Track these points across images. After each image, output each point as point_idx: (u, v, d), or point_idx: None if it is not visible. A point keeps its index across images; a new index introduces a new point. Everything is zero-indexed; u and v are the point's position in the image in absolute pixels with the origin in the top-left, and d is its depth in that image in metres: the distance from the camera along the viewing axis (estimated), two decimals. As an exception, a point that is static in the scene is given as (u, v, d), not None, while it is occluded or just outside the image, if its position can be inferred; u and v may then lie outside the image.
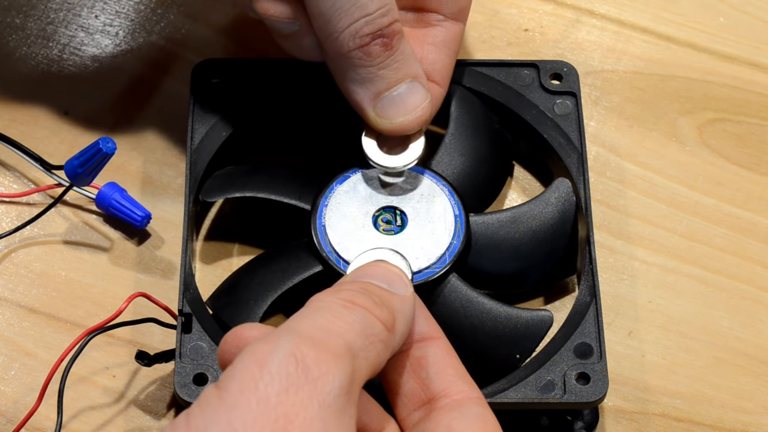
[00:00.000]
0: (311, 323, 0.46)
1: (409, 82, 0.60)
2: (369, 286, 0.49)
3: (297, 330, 0.45)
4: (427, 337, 0.51)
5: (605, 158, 0.69)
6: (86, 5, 0.72)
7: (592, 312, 0.60)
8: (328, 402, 0.43)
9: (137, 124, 0.69)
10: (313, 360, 0.44)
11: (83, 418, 0.61)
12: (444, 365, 0.50)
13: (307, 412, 0.42)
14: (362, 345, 0.46)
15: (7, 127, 0.68)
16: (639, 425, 0.62)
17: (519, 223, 0.63)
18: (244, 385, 0.43)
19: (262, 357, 0.43)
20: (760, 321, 0.65)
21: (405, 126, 0.60)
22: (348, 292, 0.48)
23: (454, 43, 0.63)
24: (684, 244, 0.67)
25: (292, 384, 0.43)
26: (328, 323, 0.46)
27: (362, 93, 0.60)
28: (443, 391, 0.49)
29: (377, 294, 0.49)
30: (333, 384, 0.43)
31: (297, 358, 0.43)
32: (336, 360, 0.44)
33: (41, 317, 0.63)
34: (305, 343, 0.44)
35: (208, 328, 0.59)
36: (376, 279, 0.50)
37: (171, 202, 0.66)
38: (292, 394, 0.42)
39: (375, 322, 0.47)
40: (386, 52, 0.59)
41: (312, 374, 0.43)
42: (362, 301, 0.48)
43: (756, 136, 0.70)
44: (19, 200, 0.67)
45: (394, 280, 0.50)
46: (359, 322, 0.47)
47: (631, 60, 0.72)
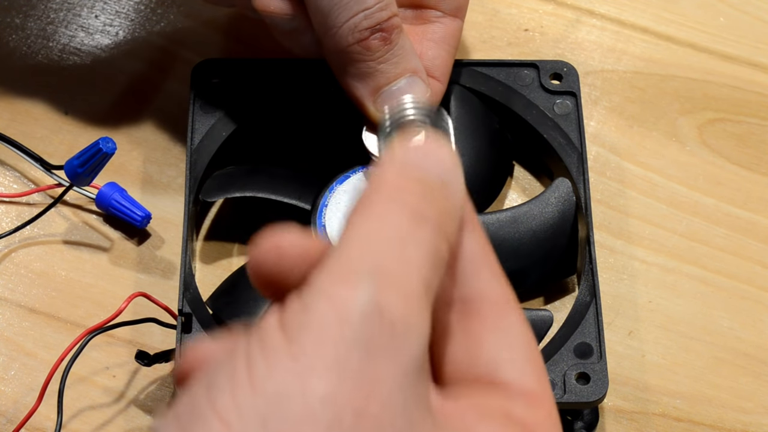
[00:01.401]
0: (388, 253, 0.38)
1: (408, 76, 0.60)
2: (429, 189, 0.40)
3: (376, 264, 0.37)
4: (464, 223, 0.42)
5: (605, 158, 0.69)
6: (86, 5, 0.72)
7: (592, 312, 0.60)
8: (411, 367, 0.36)
9: (137, 124, 0.69)
10: (399, 313, 0.36)
11: (83, 418, 0.61)
12: (483, 262, 0.42)
13: (391, 382, 0.36)
14: (433, 276, 0.38)
15: (7, 127, 0.68)
16: (639, 425, 0.62)
17: (519, 223, 0.63)
18: (321, 342, 0.35)
19: (343, 306, 0.36)
20: (760, 321, 0.65)
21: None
22: (411, 200, 0.39)
23: (454, 40, 0.63)
24: (684, 244, 0.67)
25: (377, 348, 0.36)
26: (404, 253, 0.38)
27: (362, 88, 0.60)
28: (479, 293, 0.41)
29: (441, 201, 0.40)
30: (418, 341, 0.37)
31: (382, 312, 0.36)
32: (419, 309, 0.37)
33: (41, 317, 0.63)
34: (389, 289, 0.37)
35: (208, 328, 0.59)
36: (434, 171, 0.41)
37: (171, 202, 0.66)
38: (376, 359, 0.36)
39: (442, 242, 0.39)
40: (385, 46, 0.59)
41: (397, 332, 0.36)
42: (430, 213, 0.39)
43: (756, 136, 0.70)
44: (19, 200, 0.67)
45: (451, 173, 0.41)
46: (431, 247, 0.38)
47: (631, 60, 0.72)
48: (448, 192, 0.40)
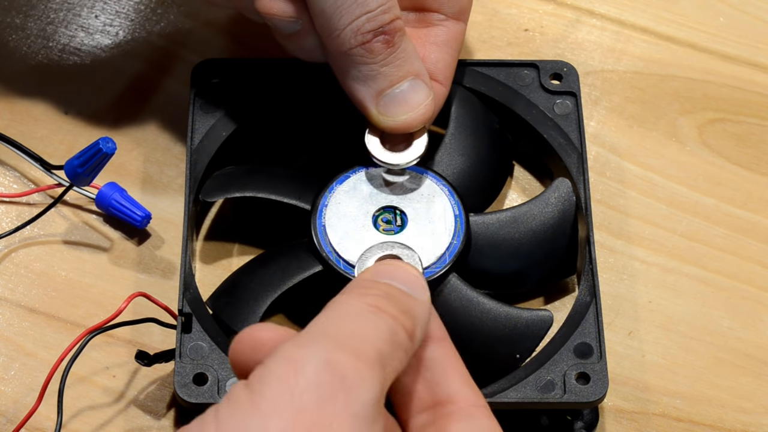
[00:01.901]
0: (343, 328, 0.45)
1: (411, 79, 0.60)
2: (392, 290, 0.48)
3: (331, 334, 0.44)
4: (434, 337, 0.49)
5: (605, 158, 0.69)
6: (86, 5, 0.72)
7: (592, 312, 0.60)
8: (362, 412, 0.42)
9: (137, 125, 0.69)
10: (349, 368, 0.43)
11: (83, 418, 0.61)
12: (450, 369, 0.49)
13: (340, 424, 0.42)
14: (389, 353, 0.45)
15: (7, 127, 0.68)
16: (639, 425, 0.62)
17: (519, 223, 0.63)
18: (278, 391, 0.42)
19: (298, 362, 0.43)
20: (760, 321, 0.65)
21: (408, 123, 0.61)
22: (373, 296, 0.47)
23: (456, 43, 0.63)
24: (684, 244, 0.67)
25: (327, 393, 0.42)
26: (359, 329, 0.45)
27: (364, 91, 0.60)
28: (450, 397, 0.48)
29: (401, 300, 0.48)
30: (367, 394, 0.43)
31: (332, 366, 0.42)
32: (370, 369, 0.43)
33: (41, 317, 0.63)
34: (340, 350, 0.43)
35: (208, 328, 0.59)
36: (397, 281, 0.49)
37: (171, 202, 0.66)
38: (327, 403, 0.42)
39: (400, 330, 0.46)
40: (388, 49, 0.59)
41: (347, 383, 0.42)
42: (389, 307, 0.46)
43: (756, 136, 0.70)
44: (19, 200, 0.67)
45: (415, 284, 0.49)
46: (387, 330, 0.45)
47: (631, 60, 0.72)
48: (410, 298, 0.48)
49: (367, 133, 0.62)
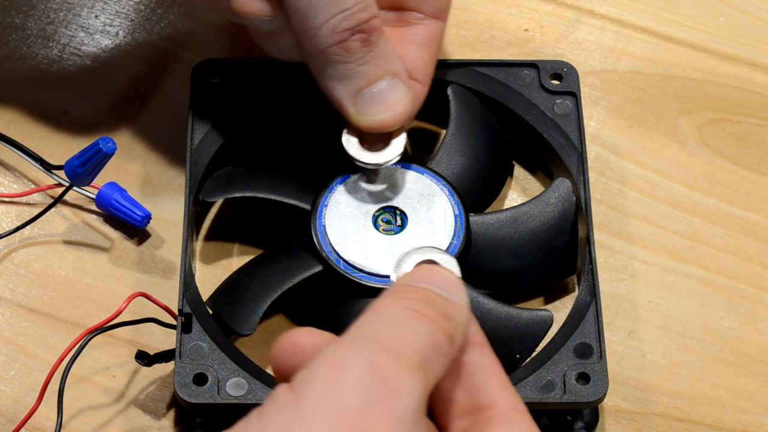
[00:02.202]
0: (385, 331, 0.45)
1: (389, 78, 0.60)
2: (431, 294, 0.48)
3: (373, 337, 0.44)
4: (473, 342, 0.49)
5: (605, 158, 0.69)
6: (86, 5, 0.72)
7: (592, 312, 0.60)
8: (405, 416, 0.42)
9: (137, 124, 0.69)
10: (392, 371, 0.43)
11: (83, 418, 0.61)
12: (490, 374, 0.48)
13: (383, 425, 0.41)
14: (431, 357, 0.45)
15: (7, 127, 0.68)
16: (639, 425, 0.62)
17: (519, 223, 0.63)
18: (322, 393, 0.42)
19: (341, 365, 0.42)
20: (760, 321, 0.65)
21: (386, 123, 0.60)
22: (413, 300, 0.47)
23: (435, 42, 0.63)
24: (684, 244, 0.67)
25: (371, 395, 0.42)
26: (400, 332, 0.45)
27: (342, 90, 0.60)
28: (490, 402, 0.48)
29: (440, 305, 0.47)
30: (410, 397, 0.43)
31: (376, 368, 0.42)
32: (413, 372, 0.43)
33: (41, 317, 0.63)
34: (384, 353, 0.43)
35: (208, 328, 0.59)
36: (435, 286, 0.48)
37: (171, 202, 0.66)
38: (371, 406, 0.42)
39: (440, 335, 0.46)
40: (365, 47, 0.59)
41: (390, 386, 0.42)
42: (429, 311, 0.46)
43: (756, 136, 0.70)
44: (19, 200, 0.67)
45: (453, 289, 0.49)
46: (428, 334, 0.45)
47: (631, 60, 0.72)
48: (449, 302, 0.48)
49: (345, 132, 0.62)
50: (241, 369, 0.58)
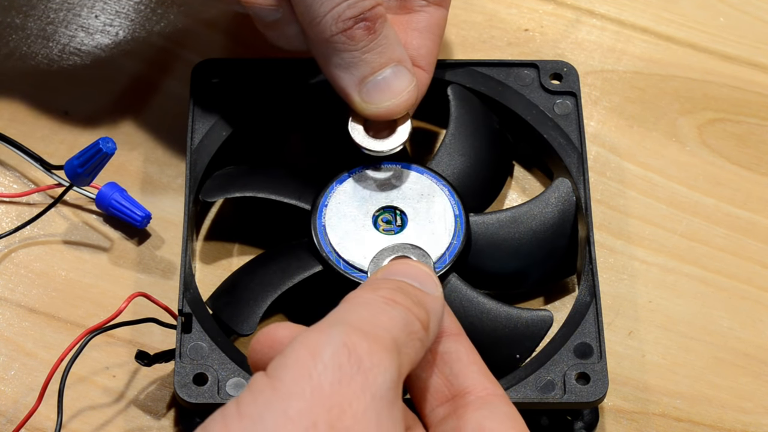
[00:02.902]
0: (358, 316, 0.46)
1: (394, 66, 0.60)
2: (404, 285, 0.49)
3: (347, 321, 0.45)
4: (450, 332, 0.51)
5: (605, 158, 0.69)
6: (86, 5, 0.72)
7: (592, 312, 0.60)
8: (380, 394, 0.43)
9: (137, 124, 0.69)
10: (366, 351, 0.44)
11: (83, 418, 0.61)
12: (467, 361, 0.50)
13: (360, 403, 0.42)
14: (405, 341, 0.46)
15: (7, 127, 0.68)
16: (639, 425, 0.62)
17: (519, 223, 0.63)
18: (297, 374, 0.43)
19: (315, 347, 0.44)
20: (760, 321, 0.65)
21: (391, 110, 0.60)
22: (386, 290, 0.48)
23: (438, 29, 0.63)
24: (684, 244, 0.67)
25: (345, 374, 0.43)
26: (373, 317, 0.46)
27: (347, 78, 0.60)
28: (468, 388, 0.49)
29: (414, 294, 0.49)
30: (385, 376, 0.44)
31: (349, 349, 0.43)
32: (387, 352, 0.44)
33: (41, 317, 0.63)
34: (356, 334, 0.44)
35: (208, 328, 0.59)
36: (409, 278, 0.50)
37: (171, 202, 0.66)
38: (345, 384, 0.43)
39: (414, 320, 0.47)
40: (369, 35, 0.59)
41: (364, 365, 0.43)
42: (402, 299, 0.48)
43: (756, 136, 0.70)
44: (19, 200, 0.67)
45: (426, 280, 0.50)
46: (401, 319, 0.47)
47: (631, 60, 0.72)
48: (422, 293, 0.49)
49: (351, 120, 0.62)
50: (241, 369, 0.58)
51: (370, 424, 0.42)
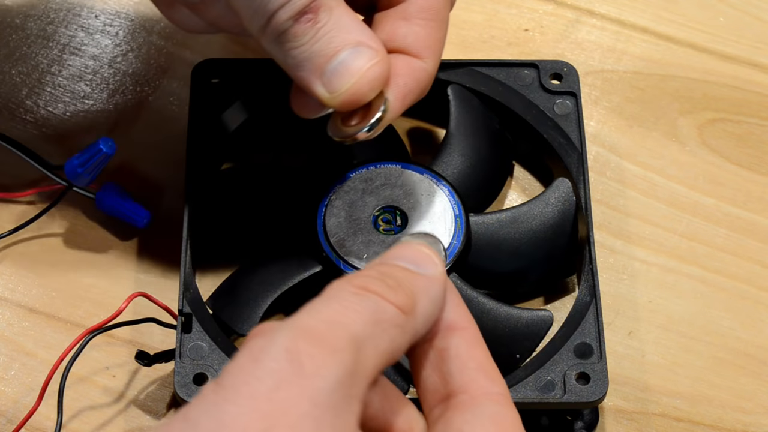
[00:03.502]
0: (314, 315, 0.44)
1: (350, 48, 0.56)
2: (388, 268, 0.47)
3: (297, 324, 0.43)
4: (453, 326, 0.47)
5: (605, 158, 0.69)
6: (86, 5, 0.72)
7: (592, 312, 0.60)
8: (321, 399, 0.42)
9: (137, 124, 0.69)
10: (308, 355, 0.42)
11: (83, 418, 0.61)
12: (466, 358, 0.47)
13: (297, 410, 0.41)
14: (371, 333, 0.44)
15: (7, 127, 0.68)
16: (639, 425, 0.62)
17: (519, 223, 0.63)
18: (237, 380, 0.42)
19: (258, 352, 0.42)
20: (760, 321, 0.65)
21: (355, 90, 0.56)
22: (362, 277, 0.46)
23: (428, 12, 0.59)
24: (684, 244, 0.67)
25: (284, 380, 0.41)
26: (333, 314, 0.44)
27: (307, 76, 0.56)
28: (462, 387, 0.47)
29: (395, 276, 0.46)
30: (327, 380, 0.42)
31: (291, 353, 0.42)
32: (333, 354, 0.43)
33: (41, 317, 0.63)
34: (302, 337, 0.43)
35: (208, 328, 0.59)
36: (402, 260, 0.47)
37: (171, 202, 0.66)
38: (284, 390, 0.41)
39: (387, 306, 0.45)
40: (314, 26, 0.56)
41: (305, 370, 0.42)
42: (375, 286, 0.45)
43: (756, 136, 0.70)
44: (19, 200, 0.67)
45: (422, 260, 0.47)
46: (368, 310, 0.44)
47: (631, 60, 0.72)
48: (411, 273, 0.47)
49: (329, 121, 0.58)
50: (241, 369, 0.58)
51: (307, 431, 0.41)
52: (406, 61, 0.58)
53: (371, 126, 0.57)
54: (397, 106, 0.58)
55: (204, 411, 0.41)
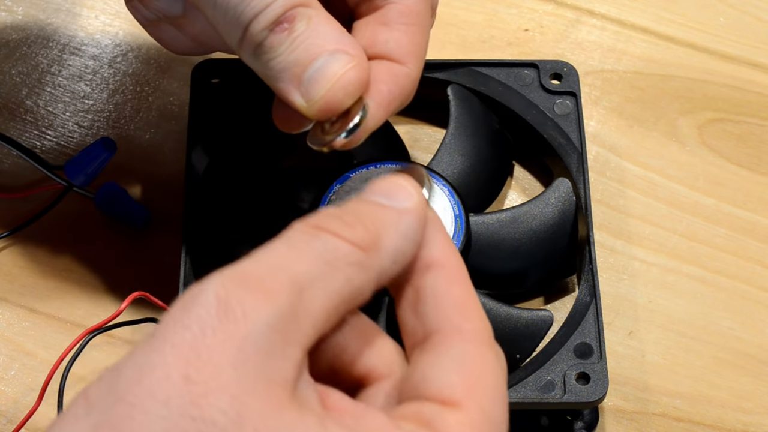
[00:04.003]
0: (257, 259, 0.42)
1: (326, 55, 0.54)
2: (354, 204, 0.44)
3: (234, 269, 0.41)
4: (433, 263, 0.44)
5: (605, 158, 0.69)
6: (86, 5, 0.72)
7: (592, 312, 0.60)
8: (248, 344, 0.40)
9: (137, 124, 0.69)
10: (237, 300, 0.40)
11: (83, 418, 0.61)
12: (443, 296, 0.44)
13: (221, 357, 0.39)
14: (318, 274, 0.41)
15: (7, 127, 0.68)
16: (639, 425, 0.62)
17: (519, 223, 0.63)
18: (165, 329, 0.40)
19: (188, 300, 0.41)
20: (760, 321, 0.65)
21: (331, 97, 0.54)
22: (318, 216, 0.43)
23: (408, 17, 0.57)
24: (684, 244, 0.67)
25: (210, 326, 0.40)
26: (277, 257, 0.42)
27: (286, 85, 0.55)
28: (435, 327, 0.43)
29: (355, 211, 0.43)
30: (256, 324, 0.40)
31: (220, 299, 0.40)
32: (266, 298, 0.40)
33: (41, 317, 0.63)
34: (234, 282, 0.41)
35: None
36: (374, 194, 0.44)
37: (171, 202, 0.66)
38: (210, 336, 0.39)
39: (340, 244, 0.42)
40: (291, 36, 0.54)
41: (233, 314, 0.40)
42: (328, 223, 0.42)
43: (756, 136, 0.70)
44: (19, 200, 0.67)
45: (394, 192, 0.44)
46: (317, 249, 0.42)
47: (631, 60, 0.72)
48: (376, 206, 0.44)
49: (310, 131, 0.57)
50: (241, 369, 0.58)
51: (231, 377, 0.39)
52: (389, 67, 0.56)
53: (348, 132, 0.55)
54: (379, 112, 0.55)
55: (130, 360, 0.40)
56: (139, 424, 0.38)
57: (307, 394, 0.41)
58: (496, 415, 0.42)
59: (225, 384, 0.39)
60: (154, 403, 0.38)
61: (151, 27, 0.60)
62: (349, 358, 0.44)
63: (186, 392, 0.39)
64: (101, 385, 0.40)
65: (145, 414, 0.38)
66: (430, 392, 0.42)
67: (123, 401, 0.39)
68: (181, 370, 0.39)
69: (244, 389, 0.39)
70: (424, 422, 0.41)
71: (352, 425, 0.40)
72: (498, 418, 0.42)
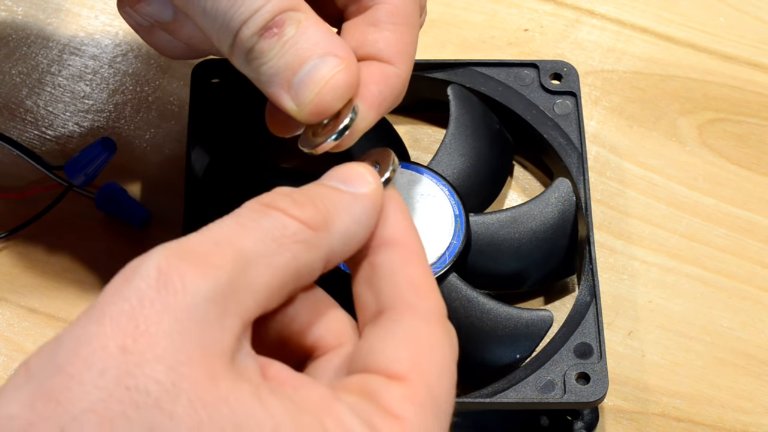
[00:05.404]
0: (204, 233, 0.43)
1: (316, 58, 0.54)
2: (307, 187, 0.45)
3: (177, 242, 0.42)
4: (390, 241, 0.45)
5: (605, 158, 0.69)
6: (86, 5, 0.72)
7: (592, 312, 0.60)
8: (185, 316, 0.40)
9: (137, 124, 0.69)
10: (178, 272, 0.41)
11: (83, 418, 0.61)
12: (398, 274, 0.45)
13: (158, 327, 0.40)
14: (264, 249, 0.42)
15: (7, 127, 0.68)
16: (639, 425, 0.62)
17: (519, 223, 0.63)
18: (105, 300, 0.41)
19: (129, 272, 0.41)
20: (760, 321, 0.65)
21: (320, 100, 0.54)
22: (270, 195, 0.44)
23: (397, 17, 0.57)
24: (684, 244, 0.67)
25: (148, 298, 0.40)
26: (224, 232, 0.43)
27: (277, 90, 0.55)
28: (389, 303, 0.44)
29: (307, 193, 0.44)
30: (195, 296, 0.40)
31: (160, 270, 0.41)
32: (206, 271, 0.41)
33: (41, 317, 0.63)
34: (176, 255, 0.41)
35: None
36: (331, 180, 0.46)
37: (171, 202, 0.66)
38: (148, 307, 0.40)
39: (288, 222, 0.43)
40: (281, 40, 0.54)
41: (173, 286, 0.40)
42: (279, 202, 0.44)
43: (756, 136, 0.70)
44: (19, 200, 0.67)
45: (351, 178, 0.46)
46: (264, 225, 0.43)
47: (631, 60, 0.72)
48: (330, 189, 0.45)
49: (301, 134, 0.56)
50: (241, 369, 0.58)
51: (167, 348, 0.40)
52: (378, 68, 0.56)
53: (338, 134, 0.54)
54: (370, 114, 0.55)
55: (70, 331, 0.41)
56: (76, 393, 0.39)
57: (246, 364, 0.41)
58: (442, 392, 0.43)
59: (161, 354, 0.39)
60: (91, 374, 0.39)
61: (144, 32, 0.60)
62: (297, 327, 0.45)
63: (122, 362, 0.39)
64: (42, 355, 0.40)
65: (81, 384, 0.39)
66: (377, 365, 0.43)
67: (61, 371, 0.39)
68: (118, 341, 0.39)
69: (179, 359, 0.39)
70: (368, 394, 0.42)
71: (291, 395, 0.41)
72: (443, 395, 0.43)
